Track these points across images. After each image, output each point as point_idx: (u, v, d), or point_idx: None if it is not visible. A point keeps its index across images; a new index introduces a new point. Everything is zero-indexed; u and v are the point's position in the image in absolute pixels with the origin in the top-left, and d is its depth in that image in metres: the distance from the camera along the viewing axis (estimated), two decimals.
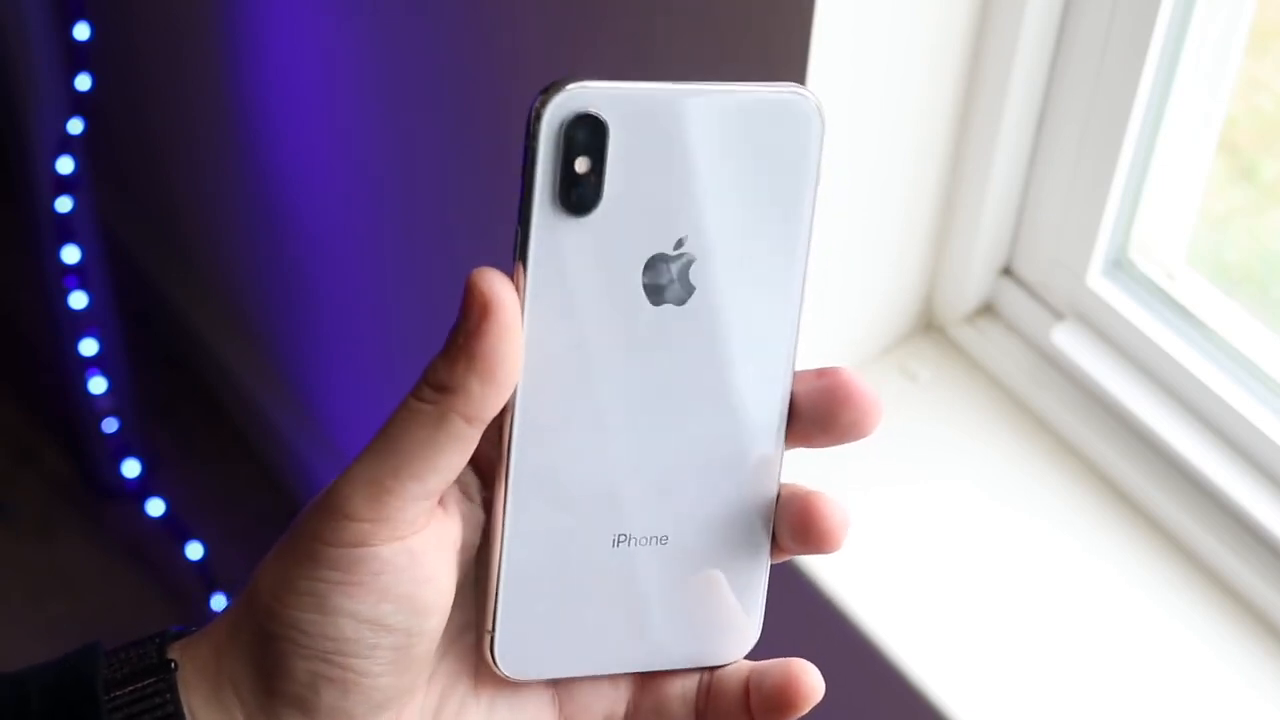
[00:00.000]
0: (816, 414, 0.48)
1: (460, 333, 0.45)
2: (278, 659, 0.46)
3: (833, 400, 0.48)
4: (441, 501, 0.48)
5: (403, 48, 1.22)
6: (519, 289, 0.45)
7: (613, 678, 0.51)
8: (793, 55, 0.85)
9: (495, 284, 0.45)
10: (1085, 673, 0.92)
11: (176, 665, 0.48)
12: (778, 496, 0.49)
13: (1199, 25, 0.88)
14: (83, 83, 1.44)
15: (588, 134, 0.44)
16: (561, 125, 0.44)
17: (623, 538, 0.48)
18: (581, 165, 0.44)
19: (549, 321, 0.45)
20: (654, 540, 0.48)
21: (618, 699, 0.51)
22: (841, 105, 0.88)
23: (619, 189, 0.45)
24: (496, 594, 0.47)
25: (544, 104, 0.44)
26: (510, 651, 0.48)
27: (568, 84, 0.44)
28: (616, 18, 0.99)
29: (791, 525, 0.49)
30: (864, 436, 0.48)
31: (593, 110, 0.44)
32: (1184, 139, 0.93)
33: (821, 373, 0.49)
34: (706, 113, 0.45)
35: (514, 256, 0.45)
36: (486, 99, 1.16)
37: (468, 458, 0.46)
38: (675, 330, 0.46)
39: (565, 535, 0.47)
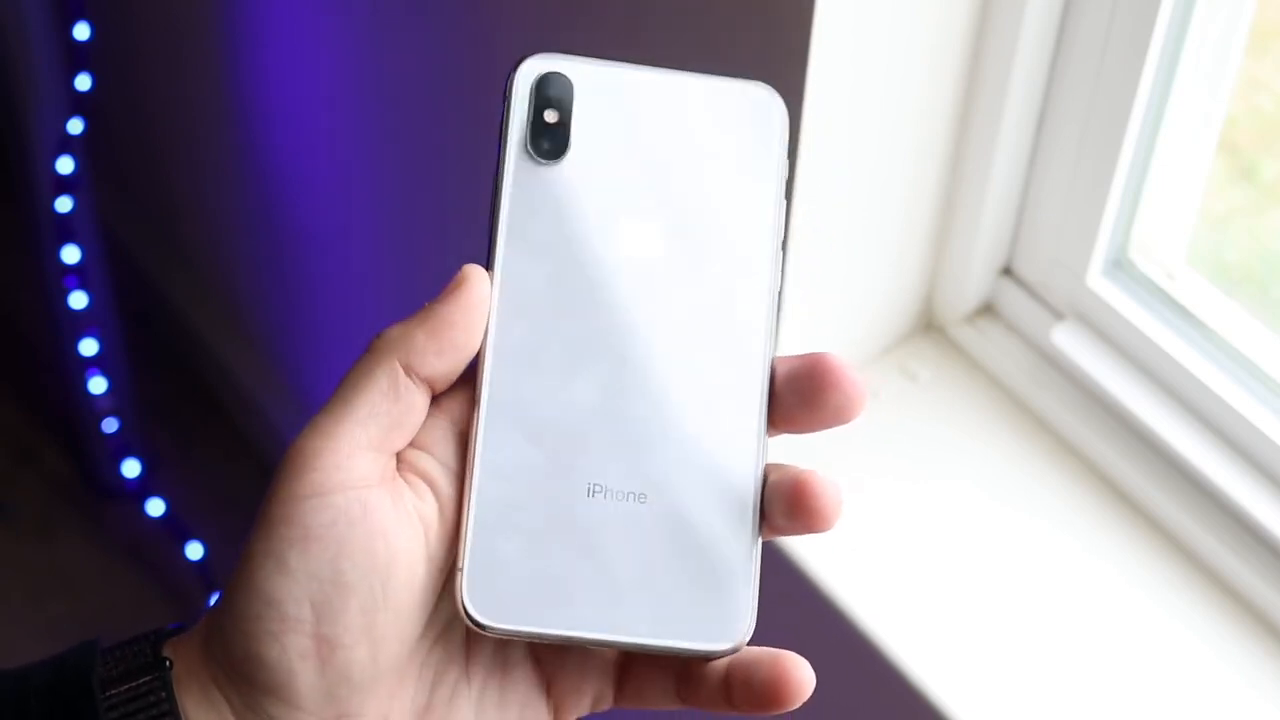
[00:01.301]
0: (800, 397, 0.49)
1: (431, 302, 0.48)
2: (248, 643, 0.46)
3: (817, 383, 0.48)
4: (408, 470, 0.48)
5: (402, 48, 1.22)
6: (493, 232, 0.49)
7: (598, 662, 0.50)
8: (793, 55, 0.85)
9: (471, 269, 0.49)
10: (1085, 672, 0.92)
11: (171, 664, 0.48)
12: (764, 478, 0.49)
13: (1199, 25, 0.88)
14: (83, 83, 1.44)
15: (557, 90, 0.49)
16: (533, 81, 0.49)
17: (597, 488, 0.48)
18: (550, 116, 0.49)
19: (522, 262, 0.49)
20: (631, 497, 0.48)
21: (604, 685, 0.50)
22: (842, 105, 0.88)
23: (587, 144, 0.49)
24: (466, 527, 0.47)
25: (519, 65, 0.49)
26: (480, 592, 0.47)
27: (543, 52, 0.49)
28: (615, 19, 0.99)
29: (784, 502, 0.48)
30: (849, 420, 0.49)
31: (562, 70, 0.49)
32: (1184, 139, 0.93)
33: (805, 357, 0.49)
34: (673, 91, 0.50)
35: (489, 207, 0.48)
36: (486, 99, 1.15)
37: (413, 414, 0.48)
38: (648, 286, 0.49)
39: (537, 473, 0.48)
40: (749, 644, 0.48)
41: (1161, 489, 0.96)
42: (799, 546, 0.94)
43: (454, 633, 0.49)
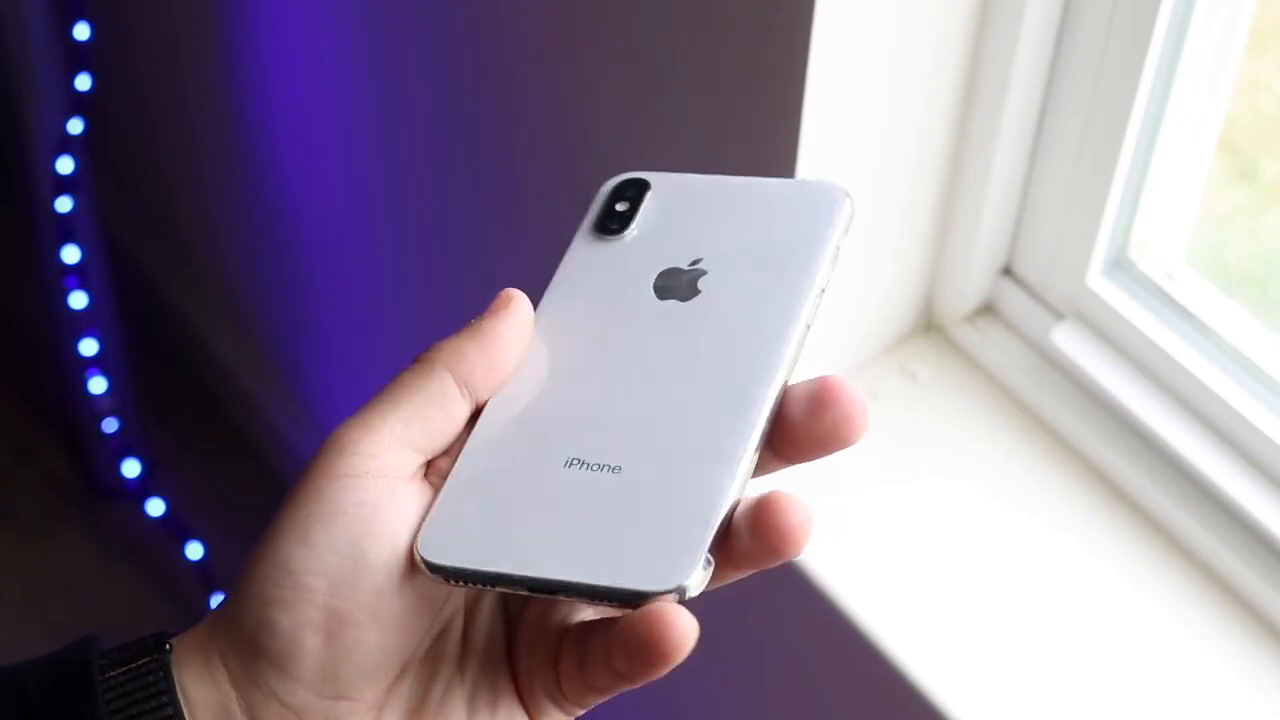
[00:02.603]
0: (806, 420, 0.48)
1: (478, 318, 0.51)
2: (261, 608, 0.46)
3: (820, 405, 0.48)
4: (434, 475, 0.49)
5: (401, 48, 1.22)
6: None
7: (546, 644, 0.49)
8: (793, 56, 0.85)
9: (515, 291, 0.51)
10: (1085, 672, 0.92)
11: (171, 647, 0.48)
12: (743, 485, 0.48)
13: (1199, 25, 0.88)
14: (83, 83, 1.44)
15: (634, 188, 0.54)
16: (614, 184, 0.55)
17: (576, 461, 0.49)
18: (621, 205, 0.54)
19: (559, 305, 0.53)
20: (605, 469, 0.48)
21: (547, 675, 0.49)
22: (842, 105, 0.88)
23: (647, 224, 0.54)
24: (439, 492, 0.48)
25: (609, 180, 0.55)
26: (432, 536, 0.47)
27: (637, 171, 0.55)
28: (615, 20, 0.99)
29: (750, 523, 0.46)
30: (852, 443, 0.48)
31: (644, 176, 0.55)
32: (1184, 139, 0.93)
33: (808, 383, 0.49)
34: (742, 189, 0.54)
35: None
36: (485, 99, 1.16)
37: (454, 424, 0.49)
38: (670, 318, 0.51)
39: (520, 447, 0.49)
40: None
41: (1161, 489, 0.96)
42: None
43: (451, 631, 0.50)
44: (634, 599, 0.45)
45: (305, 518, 0.47)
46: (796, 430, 0.48)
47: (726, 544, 0.46)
